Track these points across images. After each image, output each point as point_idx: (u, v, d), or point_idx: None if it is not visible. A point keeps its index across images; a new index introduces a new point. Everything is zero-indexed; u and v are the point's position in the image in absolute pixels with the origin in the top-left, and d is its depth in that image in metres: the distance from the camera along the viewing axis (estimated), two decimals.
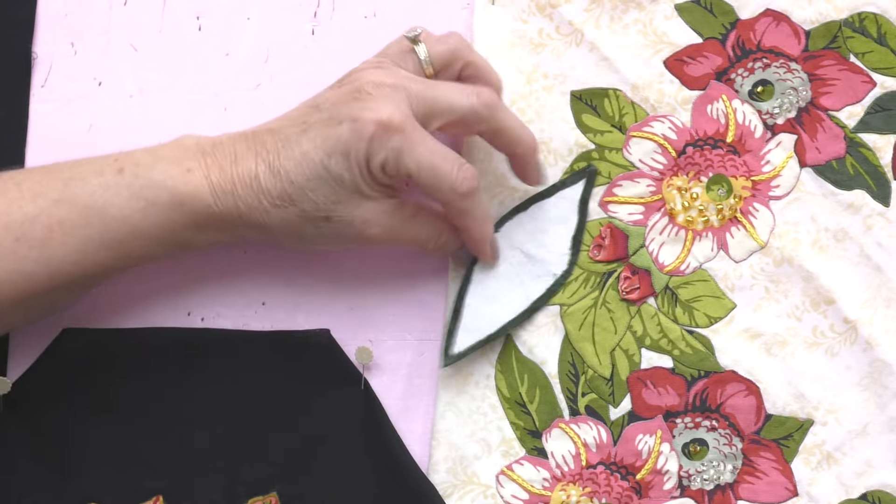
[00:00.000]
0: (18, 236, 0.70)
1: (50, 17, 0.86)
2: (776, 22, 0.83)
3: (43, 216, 0.71)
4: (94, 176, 0.72)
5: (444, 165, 0.75)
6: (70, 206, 0.71)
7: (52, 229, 0.71)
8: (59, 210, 0.71)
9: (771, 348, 0.81)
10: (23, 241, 0.70)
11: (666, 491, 0.80)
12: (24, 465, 0.79)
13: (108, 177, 0.72)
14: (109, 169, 0.73)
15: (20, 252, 0.71)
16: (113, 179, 0.72)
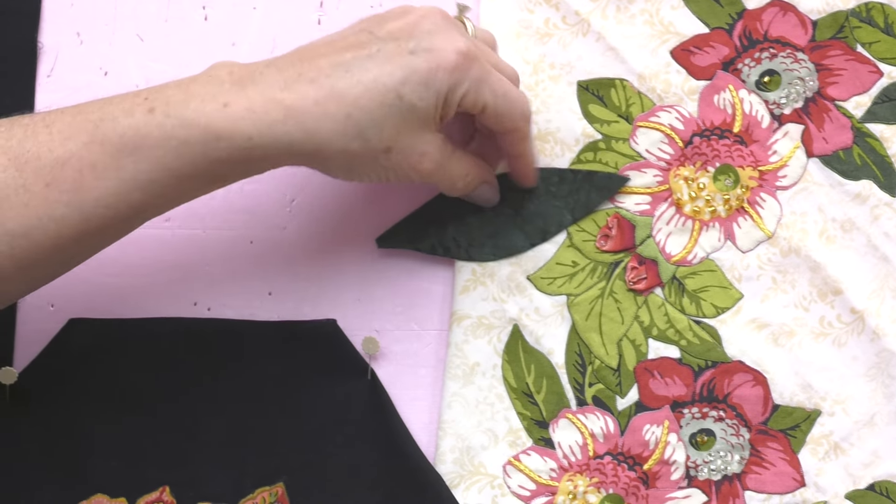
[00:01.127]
0: (49, 181, 0.69)
1: (56, 7, 0.86)
2: (783, 12, 0.83)
3: (73, 160, 0.69)
4: (125, 116, 0.70)
5: (514, 93, 0.76)
6: (101, 148, 0.69)
7: (84, 173, 0.69)
8: (90, 153, 0.69)
9: (778, 338, 0.81)
10: (53, 185, 0.69)
11: (673, 481, 0.80)
12: (31, 455, 0.79)
13: (139, 117, 0.70)
14: (140, 108, 0.70)
15: (51, 197, 0.69)
16: (143, 119, 0.70)
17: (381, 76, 0.71)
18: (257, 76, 0.71)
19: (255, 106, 0.70)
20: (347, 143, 0.72)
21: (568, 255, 0.82)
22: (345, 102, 0.71)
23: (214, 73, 0.72)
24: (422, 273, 0.83)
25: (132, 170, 0.69)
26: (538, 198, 0.82)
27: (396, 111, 0.72)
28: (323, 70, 0.71)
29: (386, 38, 0.72)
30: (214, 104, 0.70)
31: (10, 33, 0.85)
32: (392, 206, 0.83)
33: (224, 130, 0.70)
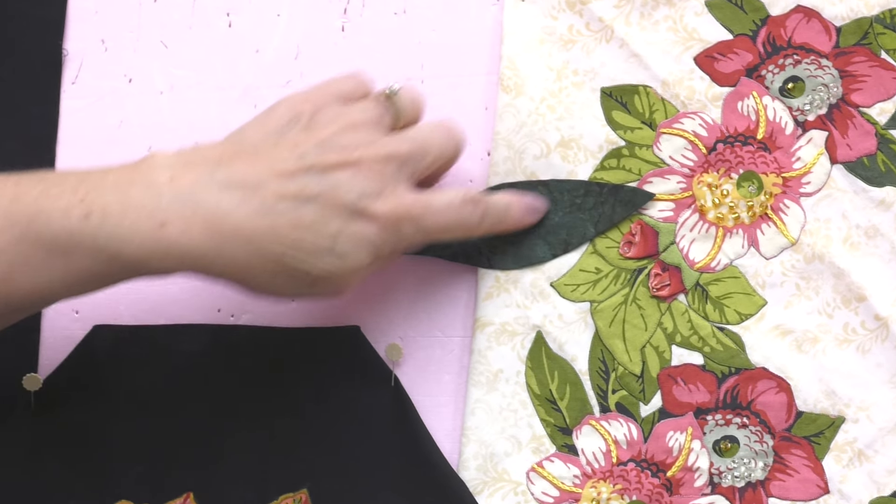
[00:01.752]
0: None
1: (80, 15, 0.86)
2: (807, 18, 0.83)
3: (5, 254, 0.69)
4: (60, 217, 0.69)
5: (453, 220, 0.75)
6: (32, 246, 0.69)
7: (14, 268, 0.69)
8: (22, 248, 0.69)
9: (802, 345, 0.80)
10: None
11: (697, 488, 0.79)
12: (56, 462, 0.79)
13: (74, 221, 0.69)
14: (76, 211, 0.69)
15: None
16: (77, 225, 0.69)
17: (316, 224, 0.71)
18: (199, 190, 0.70)
19: (192, 228, 0.69)
20: (275, 278, 0.71)
21: (591, 262, 0.82)
22: (281, 243, 0.70)
23: (153, 176, 0.70)
24: (445, 280, 0.83)
25: (62, 270, 0.69)
26: (563, 209, 0.82)
27: (326, 257, 0.71)
28: (265, 202, 0.70)
29: (325, 176, 0.71)
30: (150, 223, 0.69)
31: (36, 40, 0.85)
32: None
33: (156, 251, 0.69)
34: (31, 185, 0.70)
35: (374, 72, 0.85)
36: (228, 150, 0.72)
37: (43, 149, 0.85)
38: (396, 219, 0.72)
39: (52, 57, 0.85)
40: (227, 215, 0.69)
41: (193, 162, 0.70)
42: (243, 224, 0.69)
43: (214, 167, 0.70)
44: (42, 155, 0.85)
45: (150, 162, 0.71)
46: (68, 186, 0.70)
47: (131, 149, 0.85)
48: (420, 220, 0.74)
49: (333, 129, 0.73)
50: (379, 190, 0.72)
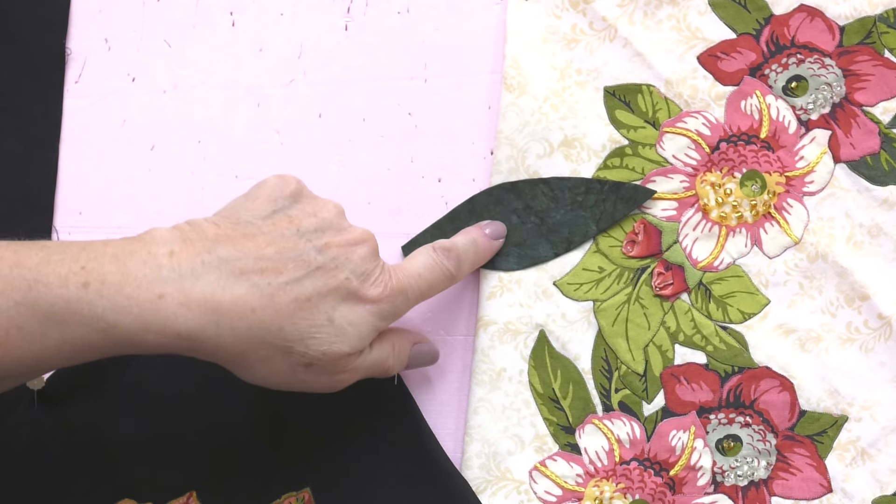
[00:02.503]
0: None
1: (84, 14, 0.86)
2: (810, 17, 0.83)
3: (2, 318, 0.68)
4: (59, 284, 0.68)
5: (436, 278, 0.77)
6: (30, 313, 0.68)
7: (10, 333, 0.68)
8: (19, 315, 0.68)
9: (805, 344, 0.80)
10: None
11: (700, 487, 0.80)
12: (59, 460, 0.79)
13: (72, 289, 0.68)
14: (74, 280, 0.68)
15: None
16: (76, 294, 0.68)
17: (315, 298, 0.71)
18: (198, 266, 0.70)
19: (190, 302, 0.69)
20: (272, 353, 0.71)
21: (594, 261, 0.82)
22: (280, 315, 0.70)
23: (154, 249, 0.70)
24: None
25: (57, 339, 0.68)
26: (564, 207, 0.82)
27: (325, 332, 0.71)
28: (265, 275, 0.70)
29: (323, 252, 0.72)
30: (149, 294, 0.68)
31: (39, 39, 0.85)
32: (417, 214, 0.83)
33: (154, 323, 0.68)
34: (32, 252, 0.69)
35: (377, 71, 0.85)
36: (225, 227, 0.72)
37: (46, 148, 0.85)
38: (392, 296, 0.74)
39: (56, 56, 0.86)
40: (226, 290, 0.69)
41: (192, 239, 0.70)
42: (243, 298, 0.69)
43: (212, 245, 0.70)
44: (45, 154, 0.85)
45: (150, 236, 0.71)
46: (69, 255, 0.69)
47: (135, 148, 0.85)
48: (411, 291, 0.75)
49: (328, 212, 0.74)
50: (372, 270, 0.73)
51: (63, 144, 0.85)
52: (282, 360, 0.71)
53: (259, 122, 0.85)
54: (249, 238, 0.71)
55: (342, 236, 0.73)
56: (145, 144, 0.85)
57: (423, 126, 0.85)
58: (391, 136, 0.85)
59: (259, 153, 0.85)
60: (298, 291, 0.70)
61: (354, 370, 0.74)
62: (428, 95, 0.85)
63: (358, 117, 0.85)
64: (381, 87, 0.85)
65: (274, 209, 0.73)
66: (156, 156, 0.85)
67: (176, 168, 0.85)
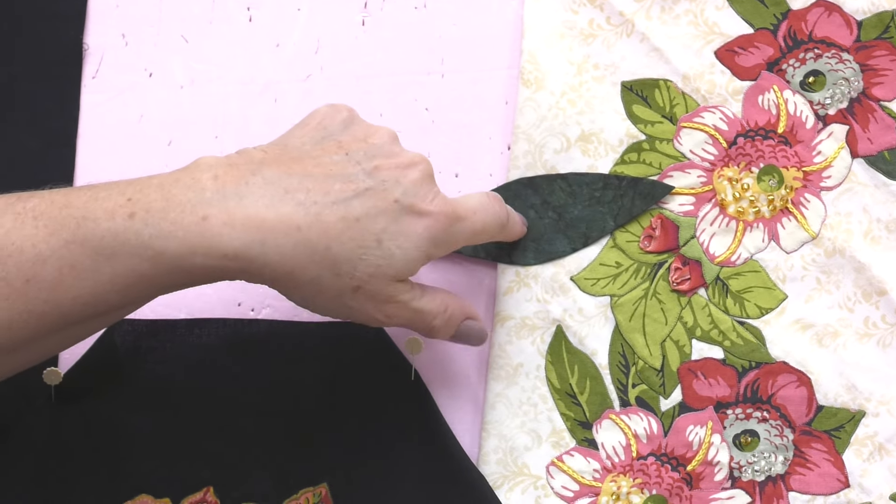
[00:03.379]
0: (29, 277, 0.68)
1: (101, 9, 0.86)
2: (828, 12, 0.83)
3: (54, 258, 0.68)
4: (106, 218, 0.69)
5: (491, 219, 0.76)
6: (81, 249, 0.68)
7: (63, 272, 0.68)
8: (71, 253, 0.68)
9: (822, 339, 0.80)
10: (33, 282, 0.68)
11: (717, 482, 0.79)
12: (76, 455, 0.79)
13: (119, 221, 0.68)
14: (121, 212, 0.69)
15: (31, 293, 0.68)
16: (122, 225, 0.68)
17: (364, 218, 0.70)
18: (242, 186, 0.70)
19: (234, 221, 0.69)
20: (320, 274, 0.70)
21: (611, 256, 0.82)
22: (327, 235, 0.70)
23: (198, 175, 0.70)
24: (465, 274, 0.83)
25: (109, 273, 0.69)
26: (582, 203, 0.82)
27: (373, 254, 0.71)
28: (311, 194, 0.70)
29: (373, 175, 0.71)
30: (193, 217, 0.68)
31: (56, 35, 0.85)
32: None
33: (200, 246, 0.68)
34: (81, 192, 0.70)
35: (394, 66, 0.85)
36: (272, 152, 0.72)
37: (63, 144, 0.85)
38: (447, 217, 0.73)
39: (73, 51, 0.85)
40: (270, 208, 0.69)
41: (237, 164, 0.70)
42: (288, 216, 0.69)
43: (258, 167, 0.70)
44: (62, 150, 0.85)
45: (196, 164, 0.71)
46: (115, 190, 0.70)
47: (152, 143, 0.85)
48: (467, 220, 0.74)
49: (379, 137, 0.73)
50: (426, 193, 0.72)
51: (80, 140, 0.85)
52: (329, 282, 0.71)
53: (276, 118, 0.85)
54: (297, 161, 0.71)
55: (394, 160, 0.72)
56: (162, 140, 0.85)
57: (440, 121, 0.85)
58: (408, 132, 0.84)
59: None
60: (346, 211, 0.70)
61: (401, 305, 0.73)
62: (445, 91, 0.85)
63: (375, 112, 0.85)
64: (399, 83, 0.85)
65: (324, 135, 0.73)
66: (173, 151, 0.85)
67: None
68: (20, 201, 0.69)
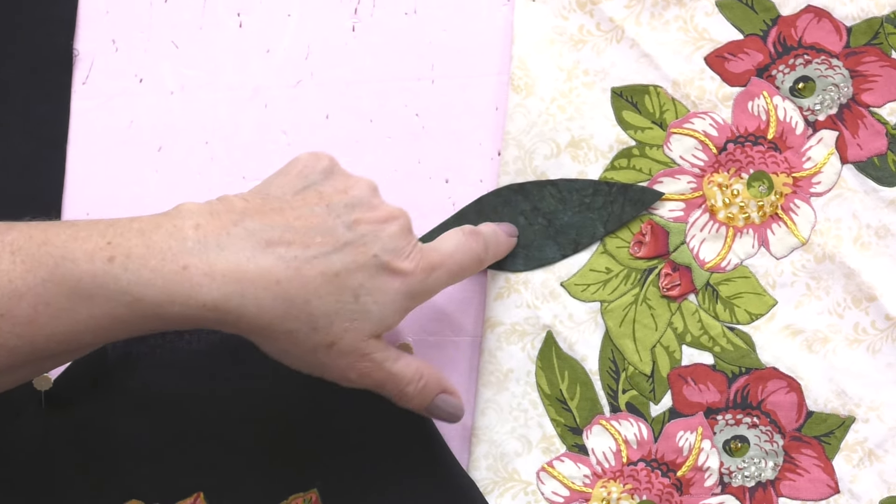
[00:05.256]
0: (3, 312, 0.68)
1: (91, 15, 0.87)
2: (817, 18, 0.83)
3: (30, 295, 0.68)
4: (85, 260, 0.68)
5: (467, 258, 0.77)
6: (58, 289, 0.68)
7: (38, 310, 0.68)
8: (47, 291, 0.68)
9: (812, 345, 0.80)
10: (7, 317, 0.68)
11: (707, 488, 0.80)
12: (66, 461, 0.79)
13: (98, 264, 0.68)
14: (100, 255, 0.68)
15: (4, 328, 0.68)
16: (101, 268, 0.68)
17: (342, 273, 0.71)
18: (223, 237, 0.70)
19: (215, 272, 0.69)
20: (297, 328, 0.71)
21: (601, 262, 0.82)
22: (306, 289, 0.70)
23: (180, 222, 0.70)
24: None
25: (85, 314, 0.68)
26: (572, 209, 0.82)
27: (349, 309, 0.71)
28: (292, 248, 0.70)
29: (352, 229, 0.71)
30: (173, 265, 0.68)
31: (46, 40, 0.86)
32: (424, 215, 0.83)
33: (179, 295, 0.68)
34: (60, 230, 0.70)
35: (384, 72, 0.85)
36: (253, 201, 0.72)
37: (54, 149, 0.85)
38: (423, 271, 0.73)
39: (63, 57, 0.86)
40: (251, 261, 0.69)
41: (219, 212, 0.70)
42: (268, 269, 0.69)
43: (239, 218, 0.70)
44: (53, 155, 0.85)
45: (178, 210, 0.71)
46: (96, 231, 0.69)
47: (142, 149, 0.85)
48: (443, 267, 0.75)
49: (360, 189, 0.73)
50: (405, 246, 0.73)
51: (70, 145, 0.85)
52: (305, 337, 0.71)
53: (266, 123, 0.85)
54: (278, 212, 0.71)
55: (373, 213, 0.72)
56: (152, 145, 0.85)
57: (431, 127, 0.85)
58: (398, 138, 0.85)
59: (266, 154, 0.85)
60: (326, 266, 0.70)
61: (375, 364, 0.73)
62: (435, 96, 0.85)
63: (365, 118, 0.85)
64: (389, 89, 0.85)
65: (305, 185, 0.73)
66: (163, 157, 0.85)
67: (183, 169, 0.85)
68: None
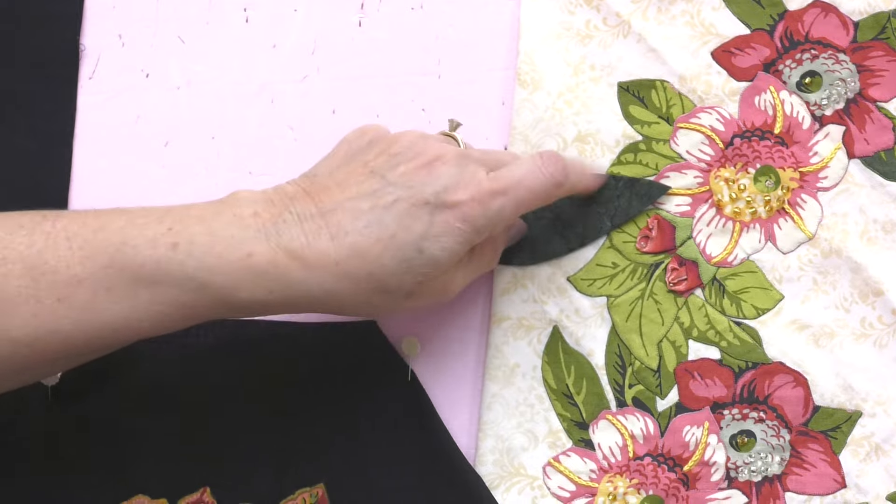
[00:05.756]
0: (62, 297, 0.68)
1: (98, 10, 0.86)
2: (824, 13, 0.83)
3: (90, 280, 0.68)
4: (147, 246, 0.69)
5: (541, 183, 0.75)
6: (119, 275, 0.68)
7: (98, 294, 0.68)
8: (108, 277, 0.68)
9: (819, 340, 0.80)
10: (65, 301, 0.68)
11: (713, 482, 0.80)
12: (73, 456, 0.79)
13: (161, 250, 0.69)
14: (163, 241, 0.69)
15: (61, 312, 0.68)
16: (165, 255, 0.69)
17: (399, 232, 0.71)
18: (280, 224, 0.70)
19: (278, 259, 0.70)
20: (370, 298, 0.71)
21: (608, 257, 0.82)
22: (366, 261, 0.70)
23: (239, 210, 0.71)
24: None
25: (146, 300, 0.69)
26: (579, 203, 0.82)
27: (417, 264, 0.71)
28: (342, 226, 0.70)
29: (399, 183, 0.71)
30: (239, 253, 0.69)
31: (53, 35, 0.86)
32: None
33: (245, 282, 0.69)
34: (114, 216, 0.70)
35: (391, 67, 0.85)
36: (303, 185, 0.72)
37: (60, 144, 0.85)
38: (482, 199, 0.72)
39: (69, 52, 0.86)
40: (309, 246, 0.70)
41: (273, 200, 0.71)
42: (324, 253, 0.70)
43: (291, 202, 0.71)
44: (59, 151, 0.85)
45: (234, 198, 0.72)
46: (153, 217, 0.70)
47: (149, 144, 0.85)
48: (509, 194, 0.74)
49: (402, 143, 0.73)
50: (456, 182, 0.72)
51: (77, 141, 0.85)
52: (381, 298, 0.72)
53: (273, 119, 0.85)
54: (325, 191, 0.72)
55: (417, 160, 0.72)
56: (159, 141, 0.85)
57: (437, 122, 0.85)
58: None
59: (273, 149, 0.85)
60: (380, 231, 0.70)
61: (458, 281, 0.75)
62: (442, 91, 0.85)
63: (372, 113, 0.85)
64: (395, 84, 0.85)
65: (349, 159, 0.73)
66: (169, 152, 0.85)
67: (190, 164, 0.85)
68: (47, 220, 0.69)
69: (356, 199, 0.71)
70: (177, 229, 0.69)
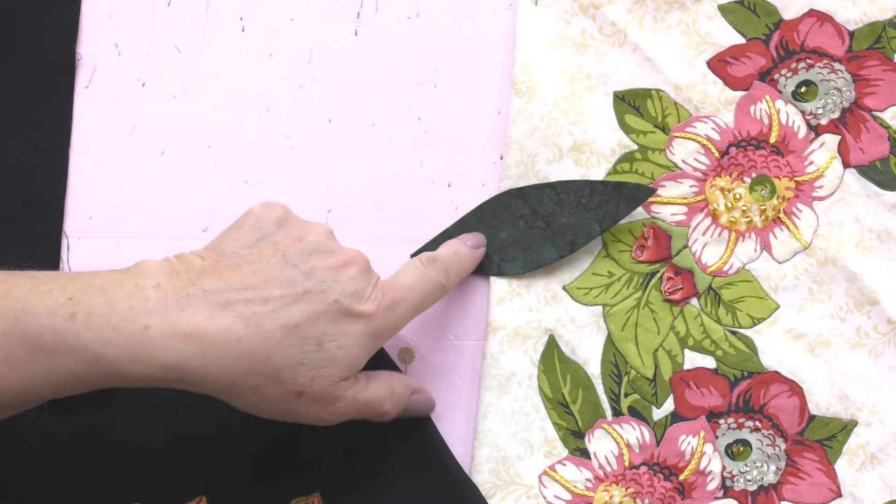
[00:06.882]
0: None
1: (94, 19, 0.87)
2: (820, 22, 0.83)
3: None
4: (46, 315, 0.68)
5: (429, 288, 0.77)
6: (18, 342, 0.68)
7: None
8: (7, 344, 0.68)
9: (814, 349, 0.80)
10: None
11: (709, 492, 0.80)
12: (68, 465, 0.79)
13: (59, 320, 0.68)
14: (61, 311, 0.68)
15: None
16: (62, 325, 0.68)
17: (304, 323, 0.70)
18: (183, 298, 0.70)
19: (176, 333, 0.69)
20: (262, 383, 0.71)
21: (604, 266, 0.82)
22: (268, 344, 0.70)
23: (141, 281, 0.70)
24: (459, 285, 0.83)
25: (45, 368, 0.68)
26: (569, 210, 0.82)
27: (314, 358, 0.71)
28: (250, 305, 0.70)
29: (312, 277, 0.71)
30: (135, 325, 0.68)
31: (49, 45, 0.86)
32: (427, 219, 0.83)
33: (140, 355, 0.68)
34: (20, 282, 0.70)
35: (387, 76, 0.85)
36: (210, 259, 0.72)
37: (56, 153, 0.85)
38: (385, 311, 0.73)
39: (66, 61, 0.86)
40: (211, 321, 0.69)
41: (178, 272, 0.70)
42: (228, 329, 0.69)
43: (197, 277, 0.70)
44: (55, 159, 0.85)
45: (139, 268, 0.71)
46: (57, 285, 0.70)
47: (145, 153, 0.85)
48: (406, 301, 0.75)
49: (315, 235, 0.73)
50: (365, 287, 0.73)
51: (73, 150, 0.85)
52: (272, 390, 0.71)
53: (269, 127, 0.85)
54: (234, 269, 0.71)
55: (330, 259, 0.72)
56: (155, 149, 0.85)
57: (433, 131, 0.85)
58: (401, 141, 0.85)
59: (269, 158, 0.85)
60: (286, 318, 0.70)
61: (347, 401, 0.73)
62: (438, 100, 0.85)
63: (368, 122, 0.85)
64: (391, 92, 0.85)
65: (258, 237, 0.73)
66: (165, 161, 0.85)
67: (186, 173, 0.85)
68: None
69: (267, 283, 0.71)
70: (77, 298, 0.69)
